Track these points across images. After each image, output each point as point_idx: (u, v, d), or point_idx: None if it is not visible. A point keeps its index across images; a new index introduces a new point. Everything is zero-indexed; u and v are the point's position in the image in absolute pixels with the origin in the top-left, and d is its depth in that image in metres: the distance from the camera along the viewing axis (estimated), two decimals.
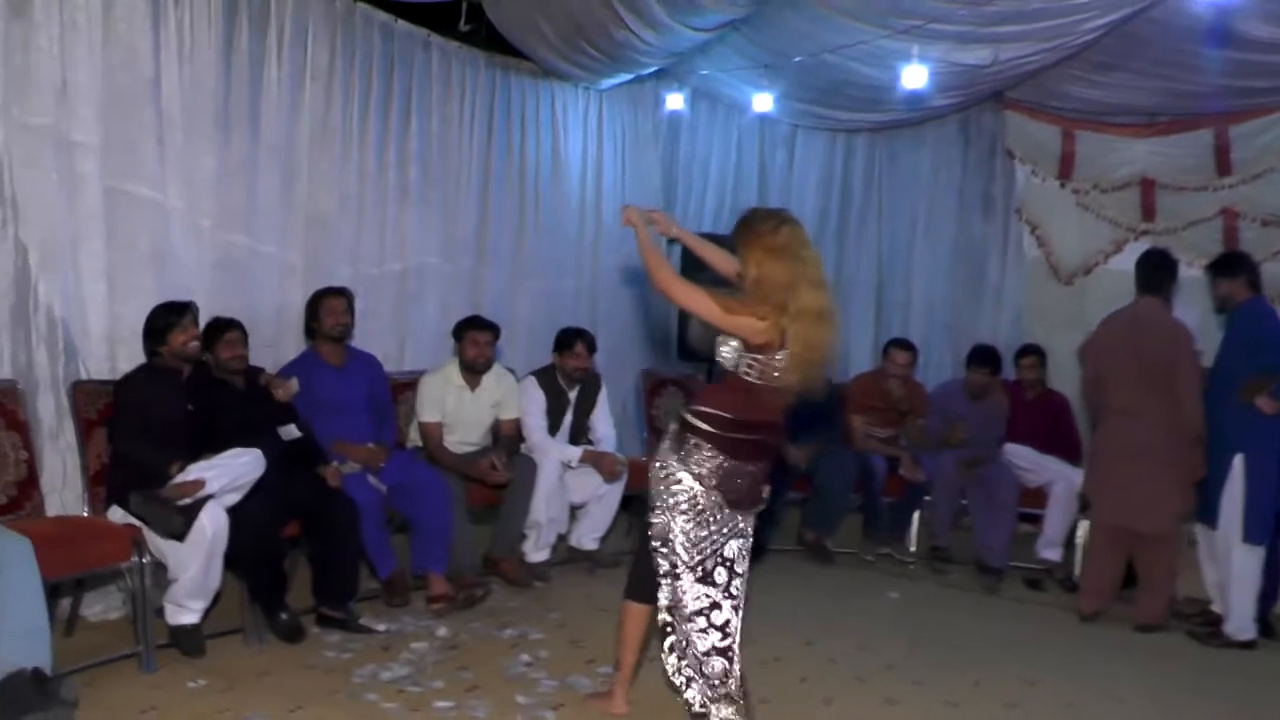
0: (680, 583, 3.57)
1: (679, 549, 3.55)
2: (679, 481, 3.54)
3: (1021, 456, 6.48)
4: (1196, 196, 7.14)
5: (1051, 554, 6.36)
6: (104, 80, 4.68)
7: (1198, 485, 5.32)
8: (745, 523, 3.62)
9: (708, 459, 3.51)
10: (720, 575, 3.58)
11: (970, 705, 4.28)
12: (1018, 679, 4.61)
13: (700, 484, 3.52)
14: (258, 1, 5.32)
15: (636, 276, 7.69)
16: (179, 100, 4.97)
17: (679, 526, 3.53)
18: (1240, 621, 5.23)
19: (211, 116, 5.14)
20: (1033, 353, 6.82)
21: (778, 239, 3.47)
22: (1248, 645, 5.22)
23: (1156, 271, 5.47)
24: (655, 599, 3.72)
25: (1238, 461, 5.15)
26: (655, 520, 3.60)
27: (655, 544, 3.61)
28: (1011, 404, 6.66)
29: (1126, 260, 6.53)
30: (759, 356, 3.45)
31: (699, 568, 3.56)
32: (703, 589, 3.57)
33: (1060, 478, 6.31)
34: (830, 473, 6.46)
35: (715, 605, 3.58)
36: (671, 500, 3.54)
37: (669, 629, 3.69)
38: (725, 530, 3.57)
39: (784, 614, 5.25)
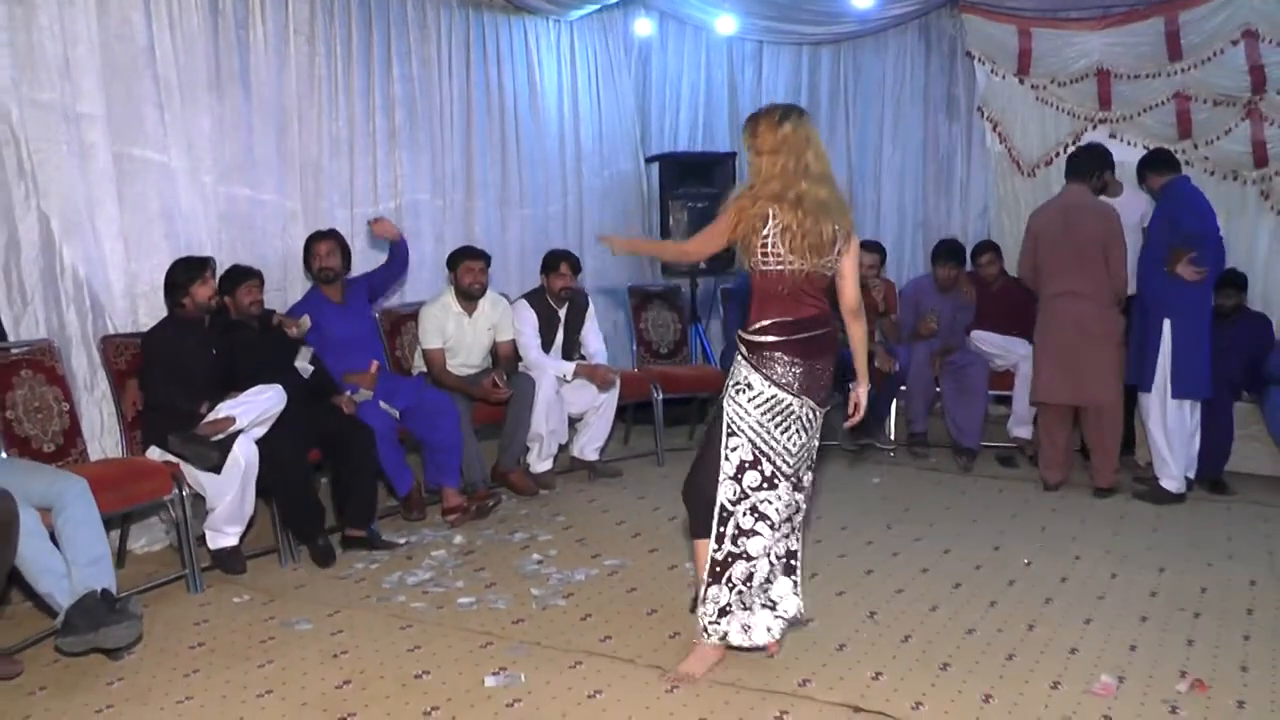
0: (777, 491, 3.49)
1: (778, 461, 3.46)
2: (759, 394, 3.45)
3: (988, 342, 6.78)
4: (1150, 83, 7.32)
5: (1022, 431, 6.71)
6: (103, 53, 4.93)
7: (1131, 350, 5.82)
8: (819, 418, 3.56)
9: (782, 365, 3.45)
10: (808, 478, 3.63)
11: (939, 569, 4.70)
12: (984, 545, 5.02)
13: (783, 390, 3.44)
14: None
15: (617, 198, 8.05)
16: (174, 66, 5.24)
17: (779, 439, 3.46)
18: (1171, 473, 5.69)
19: (205, 78, 5.40)
20: (988, 249, 7.05)
21: (780, 131, 3.40)
22: (1177, 498, 5.68)
23: (1082, 161, 5.93)
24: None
25: (1167, 326, 5.61)
26: (738, 440, 3.46)
27: (747, 461, 3.46)
28: (978, 294, 6.93)
29: None
30: (759, 247, 3.40)
31: (795, 474, 3.53)
32: (795, 495, 3.57)
33: (1025, 359, 6.46)
34: None
35: (799, 509, 3.62)
36: (758, 414, 3.44)
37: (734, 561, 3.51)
38: (813, 432, 3.54)
39: None
